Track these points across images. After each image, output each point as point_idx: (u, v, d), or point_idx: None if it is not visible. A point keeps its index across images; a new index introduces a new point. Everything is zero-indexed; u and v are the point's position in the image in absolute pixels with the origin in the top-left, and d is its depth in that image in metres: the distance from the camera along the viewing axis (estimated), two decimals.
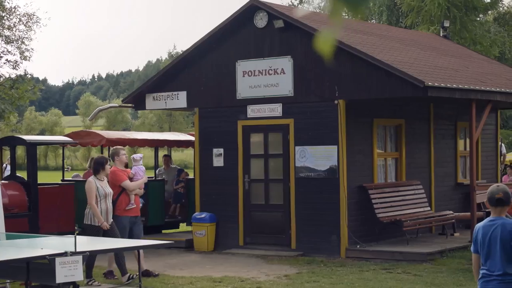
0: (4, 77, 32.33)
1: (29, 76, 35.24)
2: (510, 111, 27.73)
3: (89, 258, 13.13)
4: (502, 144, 23.71)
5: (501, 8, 41.61)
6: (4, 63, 32.91)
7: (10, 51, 32.97)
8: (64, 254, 9.00)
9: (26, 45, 32.82)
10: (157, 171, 21.53)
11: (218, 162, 18.14)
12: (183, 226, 21.26)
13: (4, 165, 24.03)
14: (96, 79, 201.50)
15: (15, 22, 32.65)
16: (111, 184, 13.82)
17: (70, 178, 20.74)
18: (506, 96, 17.79)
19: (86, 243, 10.31)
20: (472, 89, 16.60)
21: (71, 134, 20.07)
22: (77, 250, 9.17)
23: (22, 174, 17.90)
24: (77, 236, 9.44)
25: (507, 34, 38.83)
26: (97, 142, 19.53)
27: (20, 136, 18.69)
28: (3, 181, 17.00)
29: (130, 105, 20.15)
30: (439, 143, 19.71)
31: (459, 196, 20.16)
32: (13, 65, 32.91)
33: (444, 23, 25.28)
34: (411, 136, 18.73)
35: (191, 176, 20.83)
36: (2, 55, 32.81)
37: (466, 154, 20.25)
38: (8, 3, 32.61)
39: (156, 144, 21.31)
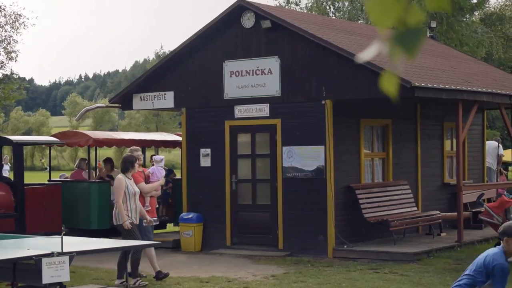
0: None
1: (16, 76, 35.11)
2: (497, 111, 27.79)
3: (133, 257, 12.94)
4: (500, 145, 23.71)
5: (487, 9, 41.75)
6: None
7: None
8: (51, 254, 8.98)
9: (12, 46, 32.74)
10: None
11: (205, 162, 18.12)
12: (170, 227, 21.24)
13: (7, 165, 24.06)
14: (83, 79, 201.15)
15: (1, 22, 32.53)
16: None
17: (57, 179, 20.67)
18: (492, 97, 17.86)
19: (73, 243, 10.28)
20: (459, 90, 16.66)
21: (57, 134, 20.01)
22: (64, 250, 9.15)
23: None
24: (64, 237, 9.40)
25: (494, 34, 38.95)
26: (83, 142, 19.47)
27: (7, 136, 18.63)
28: None
29: (117, 105, 20.11)
30: (426, 143, 19.77)
31: (446, 196, 20.21)
32: None
33: (431, 23, 25.35)
34: (398, 136, 18.77)
35: (178, 176, 20.80)
36: None
37: (453, 154, 20.30)
38: None
39: (143, 145, 21.25)
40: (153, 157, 15.04)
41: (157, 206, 14.41)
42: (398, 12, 2.58)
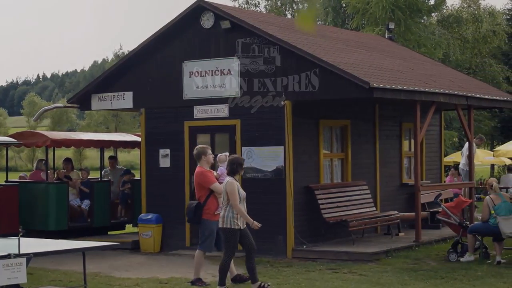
0: None
1: None
2: (454, 112, 28.08)
3: (224, 265, 12.61)
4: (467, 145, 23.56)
5: (444, 11, 42.18)
6: None
7: None
8: (8, 256, 8.89)
9: None
10: (103, 172, 21.37)
11: (164, 163, 18.08)
12: (129, 227, 21.12)
13: None
14: (41, 79, 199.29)
15: None
16: (198, 186, 13.20)
17: (15, 179, 20.44)
18: (449, 98, 18.05)
19: (30, 245, 10.17)
20: (417, 91, 16.81)
21: (15, 135, 19.81)
22: (21, 252, 9.06)
23: None
24: (21, 238, 9.31)
25: (451, 36, 39.36)
26: (41, 143, 19.29)
27: None
28: None
29: (75, 105, 19.98)
30: (384, 143, 19.90)
31: (404, 196, 20.37)
32: None
33: (389, 25, 25.56)
34: (357, 136, 18.87)
35: (137, 177, 20.69)
36: None
37: (411, 155, 20.49)
38: None
39: (102, 145, 21.12)
40: (217, 157, 14.43)
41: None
42: None
